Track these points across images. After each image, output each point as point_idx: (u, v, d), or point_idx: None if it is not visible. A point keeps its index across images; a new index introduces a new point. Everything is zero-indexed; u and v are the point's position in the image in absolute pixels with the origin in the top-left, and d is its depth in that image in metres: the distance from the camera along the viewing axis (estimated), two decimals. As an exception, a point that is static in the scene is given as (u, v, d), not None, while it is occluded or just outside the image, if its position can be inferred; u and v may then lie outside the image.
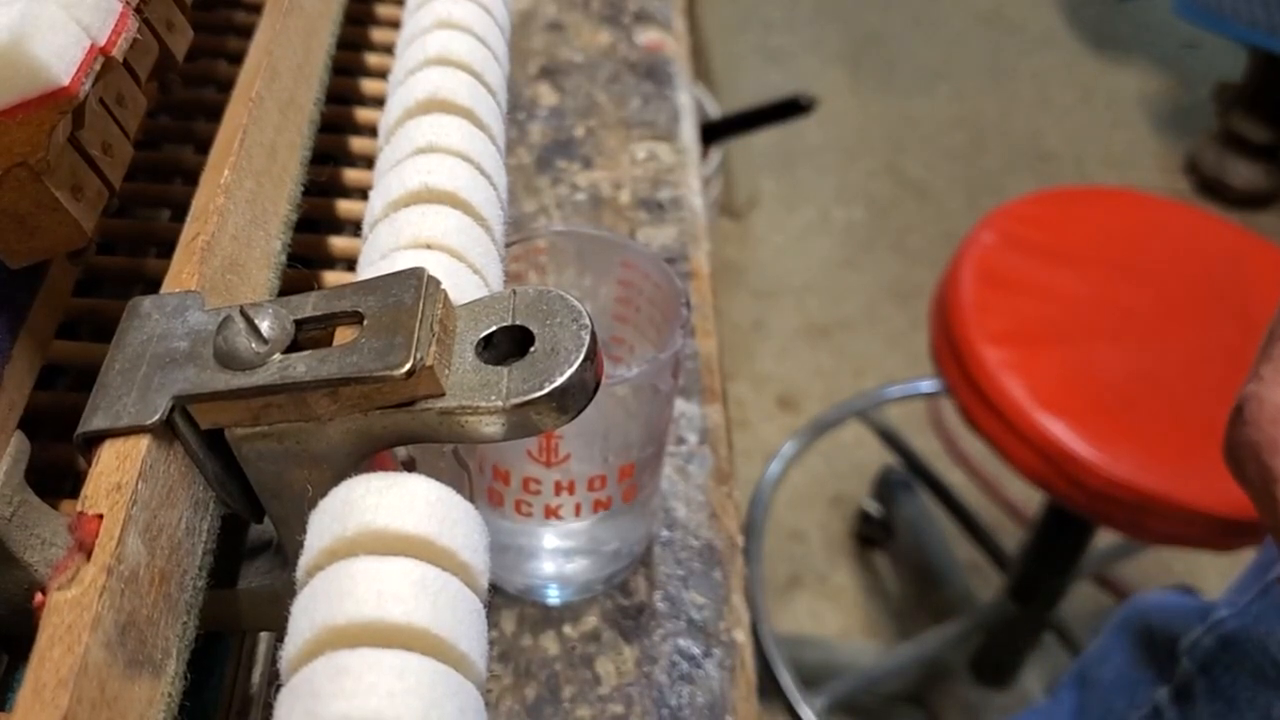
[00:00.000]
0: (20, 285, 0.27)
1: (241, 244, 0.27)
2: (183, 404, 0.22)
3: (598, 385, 0.22)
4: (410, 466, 0.25)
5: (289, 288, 0.28)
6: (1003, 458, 0.88)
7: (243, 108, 0.29)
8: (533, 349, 0.22)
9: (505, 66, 0.35)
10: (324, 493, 0.21)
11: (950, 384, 0.93)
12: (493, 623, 0.38)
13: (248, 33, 0.33)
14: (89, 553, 0.19)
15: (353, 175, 0.36)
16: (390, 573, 0.19)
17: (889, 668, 1.21)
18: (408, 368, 0.21)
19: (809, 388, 1.57)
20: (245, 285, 0.26)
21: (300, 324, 0.22)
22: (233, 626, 0.26)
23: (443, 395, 0.21)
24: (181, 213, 0.27)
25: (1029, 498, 1.33)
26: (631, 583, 0.44)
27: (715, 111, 1.43)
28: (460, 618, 0.20)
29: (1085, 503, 0.85)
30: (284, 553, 0.25)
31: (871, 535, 1.40)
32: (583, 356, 0.21)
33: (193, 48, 0.30)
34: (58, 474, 0.27)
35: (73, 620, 0.18)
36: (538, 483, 0.39)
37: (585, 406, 0.22)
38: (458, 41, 0.32)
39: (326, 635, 0.19)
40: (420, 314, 0.22)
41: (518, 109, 0.63)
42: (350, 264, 0.33)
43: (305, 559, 0.21)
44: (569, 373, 0.21)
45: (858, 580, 1.38)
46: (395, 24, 0.37)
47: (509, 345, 0.22)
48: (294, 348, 0.22)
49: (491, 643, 0.21)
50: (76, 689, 0.17)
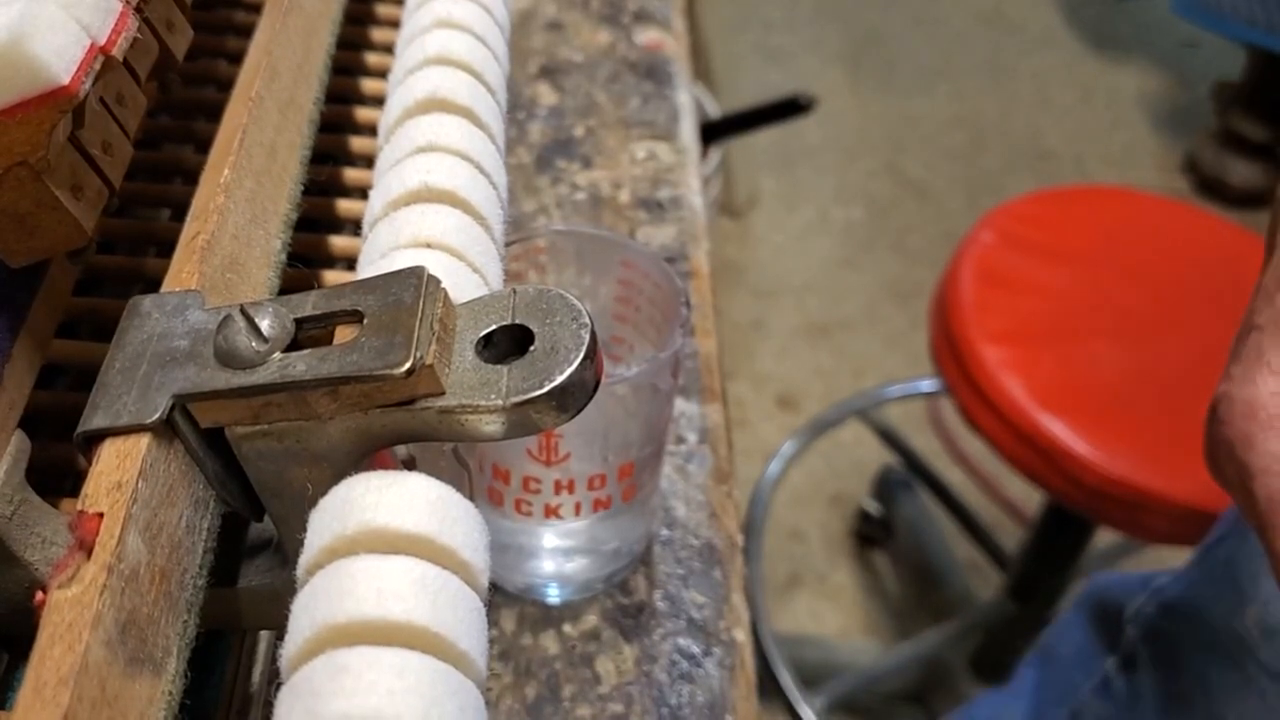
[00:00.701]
0: (20, 285, 0.27)
1: (241, 243, 0.27)
2: (183, 403, 0.22)
3: (597, 384, 0.22)
4: (410, 465, 0.25)
5: (289, 287, 0.28)
6: (1002, 457, 0.88)
7: (243, 107, 0.29)
8: (532, 348, 0.22)
9: (505, 66, 0.35)
10: (324, 491, 0.21)
11: (950, 383, 0.93)
12: (493, 621, 0.38)
13: (247, 32, 0.33)
14: (89, 551, 0.19)
15: (352, 174, 0.36)
16: (390, 571, 0.19)
17: (889, 667, 1.21)
18: (408, 366, 0.21)
19: (809, 387, 1.57)
20: (245, 284, 0.26)
21: (300, 323, 0.22)
22: (233, 625, 0.26)
23: (443, 394, 0.21)
24: (181, 212, 0.27)
25: (1028, 497, 1.33)
26: (631, 582, 0.44)
27: (715, 111, 1.43)
28: (460, 616, 0.20)
29: (1084, 501, 0.85)
30: (284, 551, 0.25)
31: (871, 534, 1.40)
32: (582, 355, 0.21)
33: (192, 47, 0.30)
34: (58, 473, 0.27)
35: (73, 619, 0.18)
36: (537, 482, 0.39)
37: (585, 405, 0.22)
38: (457, 41, 0.32)
39: (327, 633, 0.19)
40: (420, 313, 0.22)
41: (517, 108, 0.63)
42: (350, 263, 0.33)
43: (305, 557, 0.21)
44: (569, 371, 0.21)
45: (857, 579, 1.38)
46: (395, 23, 0.37)
47: (509, 344, 0.22)
48: (294, 346, 0.22)
49: (491, 641, 0.21)
50: (77, 687, 0.17)
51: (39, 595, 0.19)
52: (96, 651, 0.18)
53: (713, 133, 1.36)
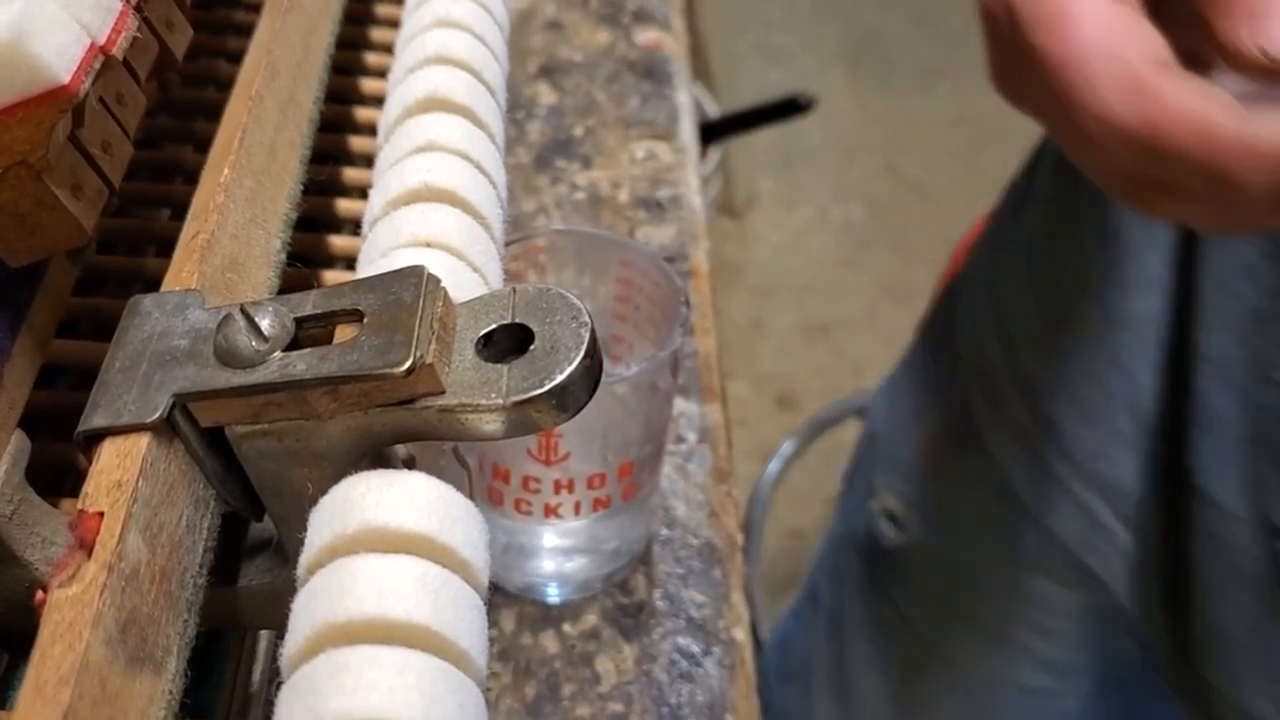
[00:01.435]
0: (20, 284, 0.27)
1: (241, 242, 0.27)
2: (183, 402, 0.22)
3: (597, 383, 0.22)
4: (410, 464, 0.25)
5: (289, 286, 0.28)
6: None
7: (242, 106, 0.29)
8: (532, 347, 0.22)
9: (505, 65, 0.35)
10: (324, 490, 0.21)
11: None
12: (492, 621, 0.38)
13: (247, 32, 0.33)
14: (90, 550, 0.19)
15: (352, 174, 0.36)
16: (391, 570, 0.19)
17: (888, 666, 1.21)
18: (408, 365, 0.21)
19: (808, 386, 1.57)
20: (245, 284, 0.26)
21: (300, 322, 0.22)
22: (233, 624, 0.26)
23: (443, 393, 0.21)
24: (181, 212, 0.27)
25: (1028, 496, 1.33)
26: (631, 581, 0.44)
27: (714, 111, 1.43)
28: (461, 615, 0.20)
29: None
30: (284, 551, 0.25)
31: (871, 534, 1.40)
32: (582, 354, 0.21)
33: (192, 46, 0.30)
34: (58, 473, 0.27)
35: (74, 617, 0.18)
36: (537, 481, 0.39)
37: (585, 404, 0.22)
38: (457, 40, 0.32)
39: (327, 632, 0.19)
40: (420, 312, 0.22)
41: (516, 108, 0.63)
42: (350, 263, 0.33)
43: (306, 556, 0.21)
44: (569, 370, 0.21)
45: (857, 579, 1.38)
46: (395, 23, 0.37)
47: (509, 343, 0.22)
48: (294, 346, 0.22)
49: (491, 641, 0.21)
50: (78, 686, 0.17)
51: (39, 594, 0.19)
52: (97, 650, 0.18)
53: (712, 132, 1.36)
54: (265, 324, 0.22)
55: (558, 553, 0.43)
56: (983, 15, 0.27)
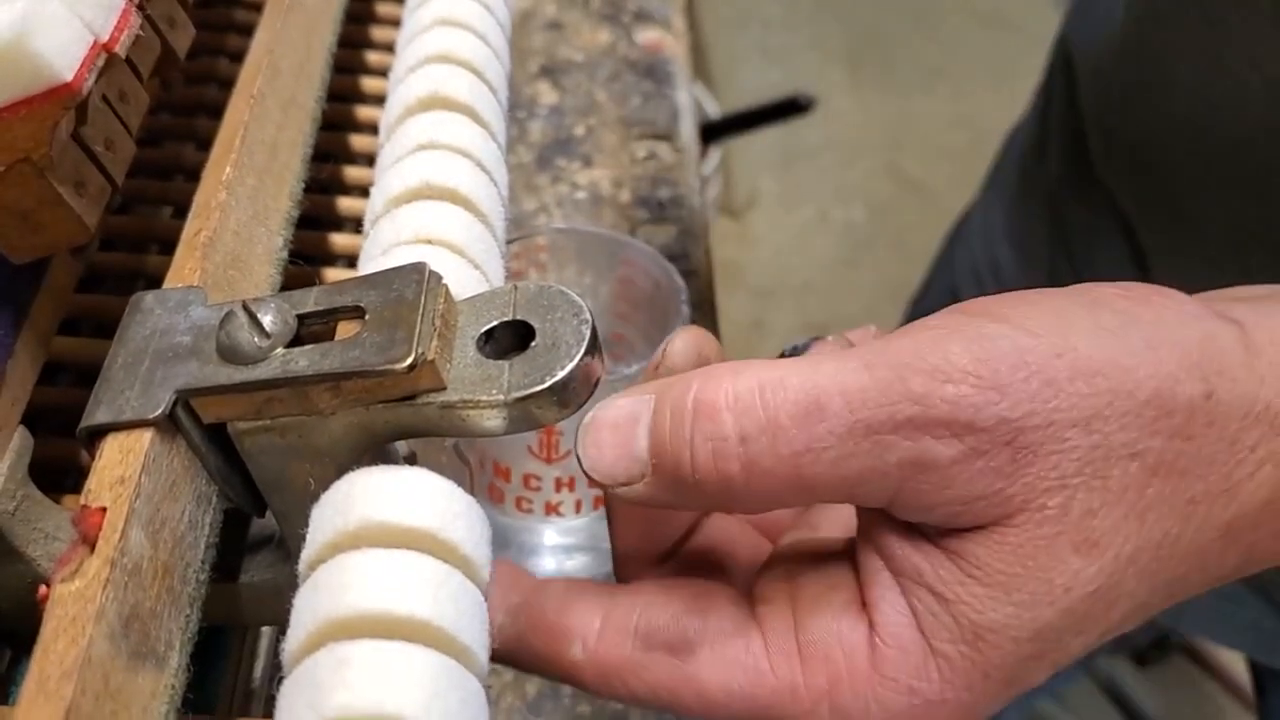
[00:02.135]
0: (23, 281, 0.27)
1: (243, 240, 0.27)
2: (185, 398, 0.22)
3: (598, 379, 0.22)
4: (412, 461, 0.26)
5: (290, 284, 0.28)
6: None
7: (244, 105, 0.29)
8: (534, 343, 0.22)
9: (506, 64, 0.35)
10: (326, 486, 0.21)
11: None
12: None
13: (249, 31, 0.33)
14: (92, 546, 0.19)
15: (354, 173, 0.36)
16: (392, 565, 0.20)
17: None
18: (409, 362, 0.21)
19: (808, 387, 1.57)
20: (247, 281, 0.26)
21: (302, 319, 0.23)
22: (235, 620, 0.26)
23: (444, 389, 0.21)
24: (183, 210, 0.27)
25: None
26: (631, 579, 0.44)
27: (715, 111, 1.43)
28: (462, 611, 0.20)
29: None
30: (286, 546, 0.25)
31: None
32: (583, 351, 0.21)
33: (194, 45, 0.30)
34: (60, 469, 0.27)
35: (76, 612, 0.18)
36: (538, 479, 0.39)
37: (586, 401, 0.22)
38: (458, 39, 0.32)
39: (328, 627, 0.19)
40: (422, 309, 0.22)
41: (518, 108, 0.63)
42: (351, 261, 0.33)
43: (307, 552, 0.21)
44: (570, 367, 0.21)
45: (857, 579, 1.38)
46: (396, 22, 0.37)
47: (510, 340, 0.23)
48: (296, 342, 0.22)
49: (492, 638, 0.21)
50: (80, 681, 0.18)
51: (42, 590, 0.19)
52: (99, 645, 0.18)
53: (713, 132, 1.36)
54: (267, 321, 0.22)
55: (559, 551, 0.43)
56: None
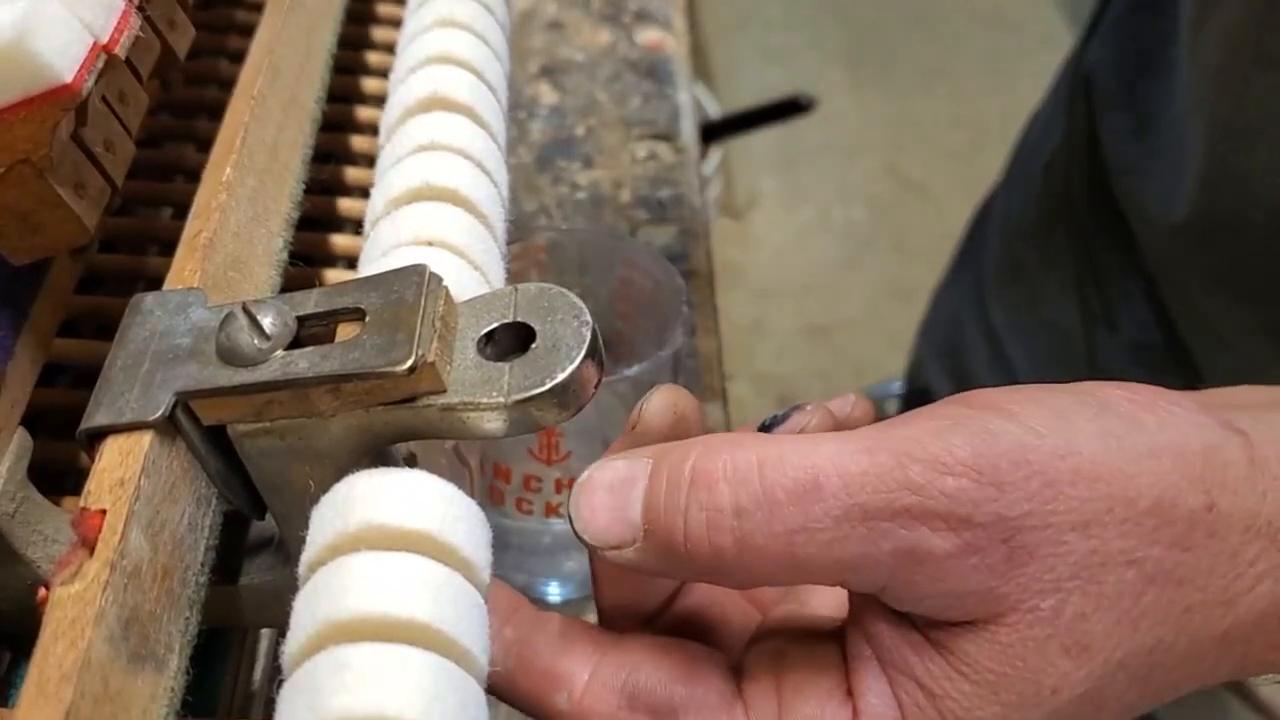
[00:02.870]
0: (22, 283, 0.27)
1: (243, 241, 0.27)
2: (185, 400, 0.22)
3: (599, 381, 0.22)
4: (412, 463, 0.26)
5: (290, 285, 0.28)
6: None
7: (244, 106, 0.29)
8: (534, 345, 0.22)
9: (506, 65, 0.35)
10: (326, 489, 0.21)
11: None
12: (493, 620, 0.38)
13: (249, 31, 0.33)
14: (92, 548, 0.19)
15: (354, 173, 0.36)
16: (392, 568, 0.19)
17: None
18: (409, 364, 0.21)
19: (809, 387, 1.57)
20: (247, 282, 0.26)
21: (302, 320, 0.23)
22: (235, 622, 0.26)
23: (444, 391, 0.21)
24: (183, 211, 0.27)
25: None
26: (632, 580, 0.44)
27: (715, 111, 1.43)
28: (462, 613, 0.20)
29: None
30: (286, 549, 0.25)
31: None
32: (584, 353, 0.21)
33: (194, 46, 0.30)
34: (60, 471, 0.27)
35: (76, 615, 0.18)
36: (538, 480, 0.39)
37: (586, 403, 0.22)
38: (459, 40, 0.32)
39: (328, 630, 0.19)
40: (422, 310, 0.22)
41: (518, 108, 0.63)
42: (351, 262, 0.33)
43: (307, 554, 0.21)
44: (570, 369, 0.21)
45: (857, 579, 1.38)
46: (396, 22, 0.37)
47: (510, 342, 0.23)
48: (296, 344, 0.22)
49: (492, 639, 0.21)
50: (80, 683, 0.18)
51: (41, 592, 0.19)
52: (99, 648, 0.18)
53: (713, 133, 1.36)
54: (267, 322, 0.22)
55: (558, 552, 0.43)
56: None
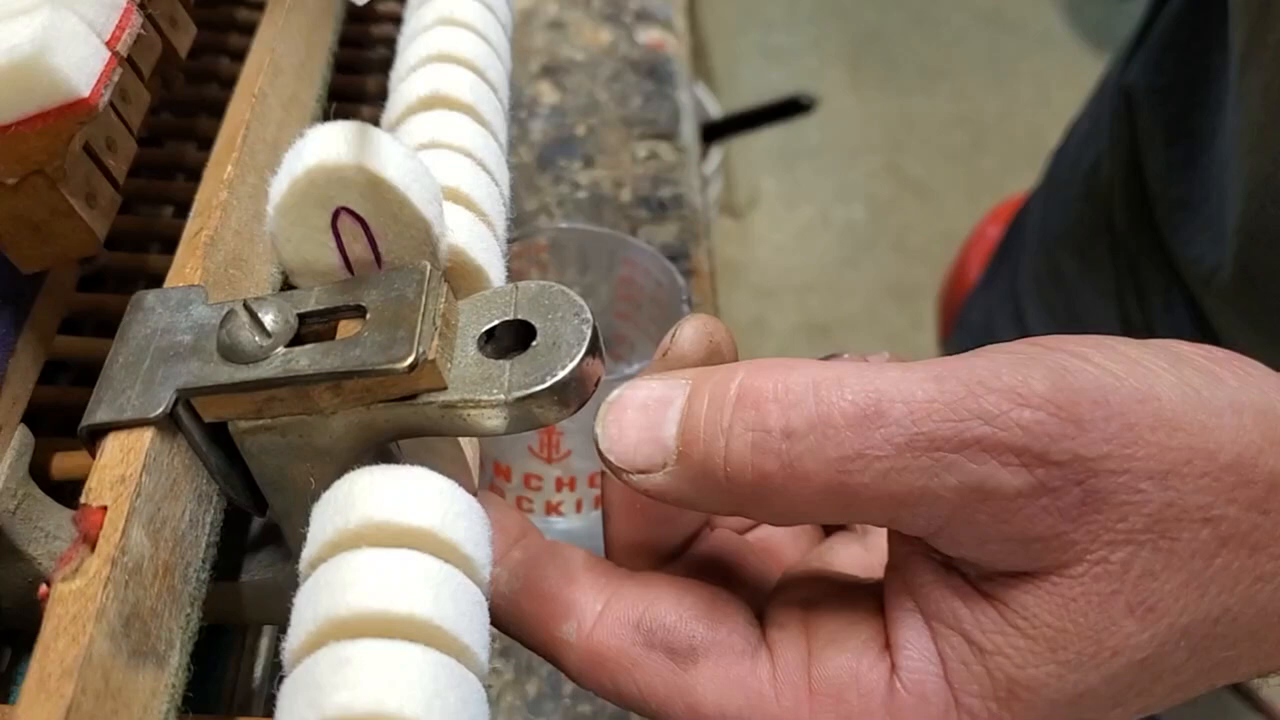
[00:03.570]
0: (24, 281, 0.27)
1: (244, 239, 0.27)
2: (186, 397, 0.22)
3: (599, 379, 0.22)
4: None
5: (291, 284, 0.28)
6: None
7: (245, 104, 0.29)
8: (535, 343, 0.22)
9: (507, 64, 0.35)
10: (327, 486, 0.21)
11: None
12: (493, 618, 0.38)
13: (250, 30, 0.33)
14: (93, 545, 0.19)
15: (355, 172, 0.36)
16: (393, 565, 0.19)
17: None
18: (410, 361, 0.21)
19: (809, 387, 1.57)
20: (248, 280, 0.26)
21: (303, 318, 0.23)
22: (236, 619, 0.26)
23: (445, 389, 0.21)
24: (184, 209, 0.27)
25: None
26: (632, 579, 0.44)
27: (716, 110, 1.43)
28: (463, 610, 0.20)
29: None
30: (286, 546, 0.25)
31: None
32: (584, 350, 0.21)
33: (195, 44, 0.30)
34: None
35: (77, 611, 0.18)
36: (539, 479, 0.39)
37: (587, 400, 0.22)
38: (460, 38, 0.32)
39: (329, 627, 0.19)
40: (422, 308, 0.22)
41: (519, 107, 0.63)
42: (352, 260, 0.33)
43: (308, 551, 0.21)
44: (571, 366, 0.21)
45: (857, 579, 1.38)
46: (397, 20, 0.37)
47: (511, 340, 0.23)
48: (297, 341, 0.22)
49: (493, 637, 0.21)
50: (81, 679, 0.18)
51: (43, 589, 0.19)
52: (100, 644, 0.18)
53: (714, 132, 1.36)
54: (268, 319, 0.22)
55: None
56: None
